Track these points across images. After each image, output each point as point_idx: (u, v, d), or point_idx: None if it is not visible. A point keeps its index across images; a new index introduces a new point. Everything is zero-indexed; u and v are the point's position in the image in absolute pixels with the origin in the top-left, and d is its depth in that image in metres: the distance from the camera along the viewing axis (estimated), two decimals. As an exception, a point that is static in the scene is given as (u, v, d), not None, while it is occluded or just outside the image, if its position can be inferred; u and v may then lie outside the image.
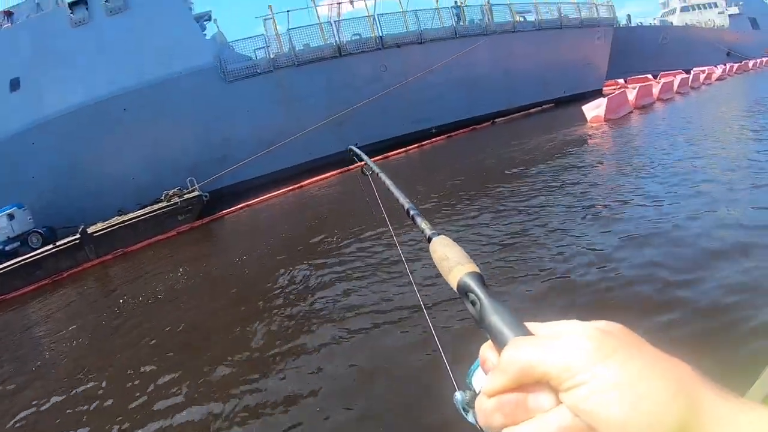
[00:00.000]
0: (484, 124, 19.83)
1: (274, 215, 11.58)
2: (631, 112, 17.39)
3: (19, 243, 13.43)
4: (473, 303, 0.47)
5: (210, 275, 7.60)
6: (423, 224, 0.73)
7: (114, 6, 16.79)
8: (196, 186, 14.26)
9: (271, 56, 17.78)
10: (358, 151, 1.50)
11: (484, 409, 0.37)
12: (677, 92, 22.44)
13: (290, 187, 14.03)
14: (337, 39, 18.62)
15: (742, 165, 6.74)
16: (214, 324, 5.32)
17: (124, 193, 15.68)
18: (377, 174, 1.16)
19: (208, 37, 18.68)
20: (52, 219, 14.83)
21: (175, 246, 11.32)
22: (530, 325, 0.40)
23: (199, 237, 11.79)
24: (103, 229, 13.04)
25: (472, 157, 12.68)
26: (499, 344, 0.40)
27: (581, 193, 6.91)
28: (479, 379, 0.45)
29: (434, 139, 16.82)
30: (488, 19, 21.64)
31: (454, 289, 0.52)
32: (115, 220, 13.69)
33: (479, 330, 0.44)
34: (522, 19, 22.86)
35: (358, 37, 18.98)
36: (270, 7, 18.40)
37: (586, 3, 26.50)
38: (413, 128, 18.46)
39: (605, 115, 15.63)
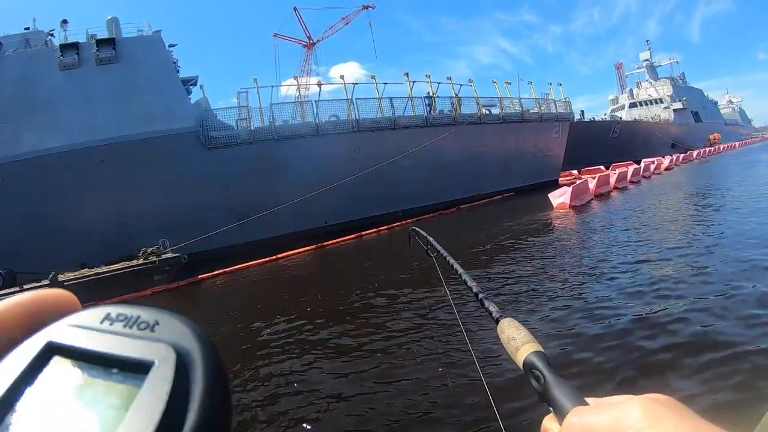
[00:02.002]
0: (451, 210, 21.45)
1: (253, 287, 12.13)
2: (592, 199, 19.88)
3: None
4: (537, 379, 0.54)
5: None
6: (491, 307, 0.79)
7: (104, 56, 17.48)
8: (169, 248, 14.62)
9: (252, 128, 18.92)
10: (423, 233, 1.55)
11: None
12: (630, 181, 25.59)
13: (267, 259, 14.76)
14: (316, 118, 20.09)
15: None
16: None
17: (89, 247, 15.48)
18: (444, 257, 1.23)
19: (192, 102, 19.68)
20: (9, 262, 14.29)
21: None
22: (589, 399, 0.47)
23: (174, 301, 12.02)
24: (74, 279, 12.80)
25: (444, 241, 13.99)
26: (561, 415, 0.47)
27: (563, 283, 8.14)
28: None
29: (403, 221, 18.10)
30: (456, 110, 23.81)
31: (520, 366, 0.60)
32: (88, 271, 13.55)
33: (540, 406, 0.52)
34: (488, 112, 25.24)
35: (335, 118, 20.59)
36: (255, 79, 19.84)
37: (546, 99, 29.39)
38: (383, 210, 19.81)
39: (570, 202, 17.81)
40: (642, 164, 30.86)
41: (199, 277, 13.58)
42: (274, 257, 14.92)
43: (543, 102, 29.03)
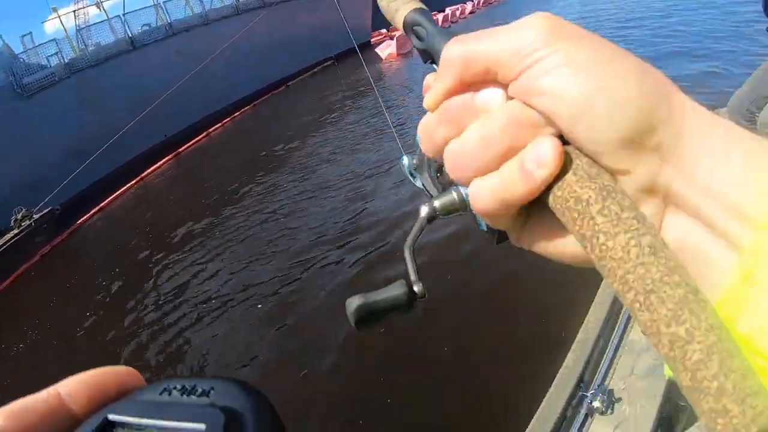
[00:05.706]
0: (280, 89, 23.78)
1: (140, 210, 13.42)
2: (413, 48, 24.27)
3: None
4: (420, 37, 0.50)
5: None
6: None
7: None
8: (23, 213, 13.36)
9: (66, 60, 18.75)
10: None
11: (426, 127, 0.32)
12: (442, 27, 30.07)
13: (132, 183, 15.99)
14: (128, 32, 20.36)
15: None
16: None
17: None
18: None
19: (-10, 54, 18.43)
20: None
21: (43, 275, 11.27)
22: None
23: (68, 257, 12.27)
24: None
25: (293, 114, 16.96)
26: None
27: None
28: None
29: (242, 110, 20.27)
30: (262, -9, 25.13)
31: (401, 29, 0.53)
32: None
33: (426, 66, 0.47)
34: (293, -13, 26.81)
35: (147, 27, 21.14)
36: (54, 8, 19.37)
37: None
38: (217, 107, 21.03)
39: (396, 51, 21.99)
40: (448, 12, 34.92)
41: (78, 222, 13.94)
42: (138, 179, 16.03)
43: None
